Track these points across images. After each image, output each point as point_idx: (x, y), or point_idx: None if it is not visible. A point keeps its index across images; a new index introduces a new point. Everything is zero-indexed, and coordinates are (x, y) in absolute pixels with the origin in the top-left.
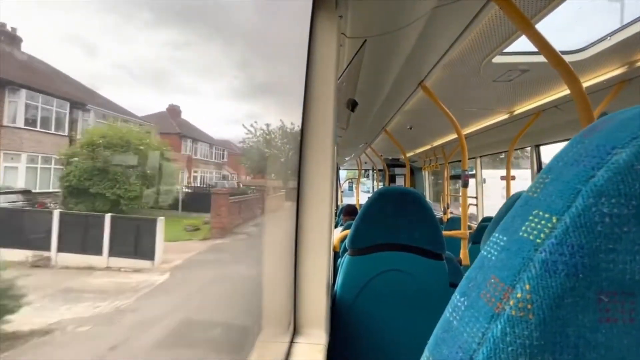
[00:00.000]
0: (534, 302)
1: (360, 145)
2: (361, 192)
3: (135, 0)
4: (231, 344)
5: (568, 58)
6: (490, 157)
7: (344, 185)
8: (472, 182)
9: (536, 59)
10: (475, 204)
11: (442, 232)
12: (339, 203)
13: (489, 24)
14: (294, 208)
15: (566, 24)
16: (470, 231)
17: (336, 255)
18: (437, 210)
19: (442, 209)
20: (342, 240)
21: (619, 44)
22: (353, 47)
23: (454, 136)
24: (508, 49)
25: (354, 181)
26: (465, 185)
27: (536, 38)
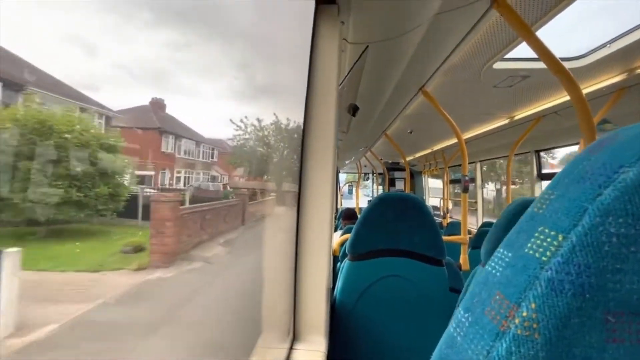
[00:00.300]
0: (540, 322)
1: (361, 149)
2: (363, 196)
3: (137, 0)
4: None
5: (568, 65)
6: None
7: (344, 188)
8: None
9: (537, 65)
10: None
11: (442, 238)
12: (338, 206)
13: (490, 31)
14: (295, 212)
15: (566, 31)
16: (470, 236)
17: (335, 260)
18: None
19: (442, 213)
20: (342, 244)
21: (619, 51)
22: (355, 53)
23: (453, 141)
24: (509, 55)
25: (354, 184)
26: (465, 190)
27: (536, 45)
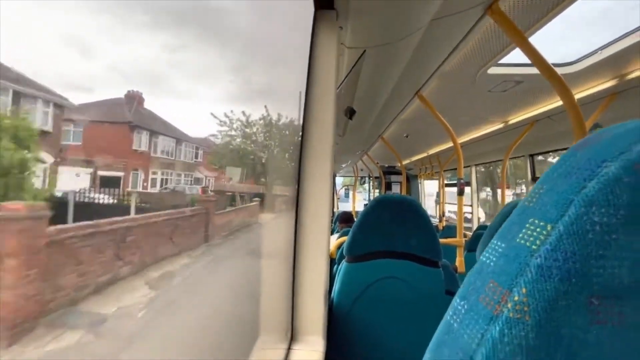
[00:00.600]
0: (530, 305)
1: (357, 152)
2: (361, 200)
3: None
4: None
5: (560, 70)
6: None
7: (341, 191)
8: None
9: (530, 71)
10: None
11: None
12: (335, 209)
13: (485, 37)
14: (293, 216)
15: (559, 38)
16: (465, 239)
17: (332, 262)
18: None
19: (438, 217)
20: (339, 247)
21: (610, 58)
22: (352, 57)
23: (449, 145)
24: (503, 61)
25: (351, 188)
26: (461, 193)
27: (529, 51)
